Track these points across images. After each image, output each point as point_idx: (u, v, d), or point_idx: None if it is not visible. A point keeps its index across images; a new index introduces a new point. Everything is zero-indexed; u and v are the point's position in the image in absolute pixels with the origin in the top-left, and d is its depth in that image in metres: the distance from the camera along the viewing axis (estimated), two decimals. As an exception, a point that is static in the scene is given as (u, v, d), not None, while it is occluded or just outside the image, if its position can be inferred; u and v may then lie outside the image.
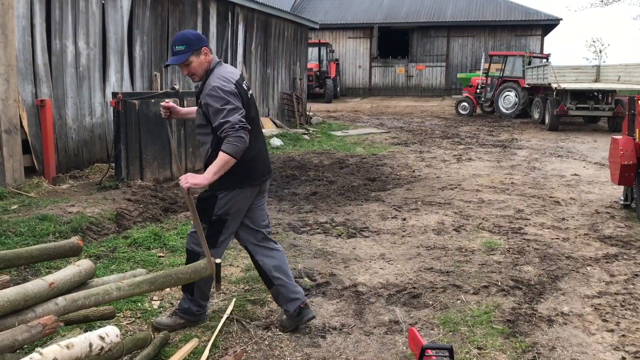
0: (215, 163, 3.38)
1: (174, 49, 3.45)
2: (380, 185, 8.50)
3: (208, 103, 3.41)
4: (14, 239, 5.31)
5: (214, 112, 3.42)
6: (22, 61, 7.82)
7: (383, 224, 6.23)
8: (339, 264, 4.94)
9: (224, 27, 13.30)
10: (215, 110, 3.41)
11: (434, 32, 31.19)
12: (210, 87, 3.42)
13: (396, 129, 17.07)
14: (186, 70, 3.50)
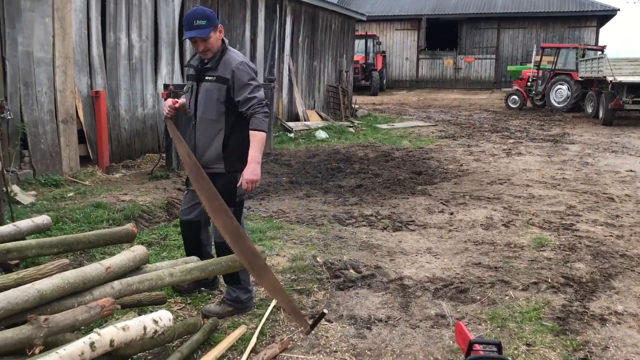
0: (254, 145, 3.43)
1: (193, 23, 3.42)
2: (426, 178, 8.42)
3: (236, 76, 3.44)
4: (70, 225, 5.52)
5: (241, 85, 3.44)
6: (79, 53, 8.08)
7: (430, 217, 6.18)
8: (385, 257, 4.94)
9: (272, 20, 13.38)
10: (243, 84, 3.44)
11: (483, 23, 30.57)
12: (237, 61, 3.48)
13: (443, 122, 16.85)
14: (203, 45, 3.48)
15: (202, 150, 3.62)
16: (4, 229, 3.04)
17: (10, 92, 7.07)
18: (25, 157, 7.32)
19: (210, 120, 3.57)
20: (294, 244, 5.19)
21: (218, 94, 3.51)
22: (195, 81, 3.62)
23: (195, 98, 3.61)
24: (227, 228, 3.21)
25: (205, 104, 3.56)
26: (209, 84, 3.54)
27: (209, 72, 3.56)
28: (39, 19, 7.31)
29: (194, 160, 3.45)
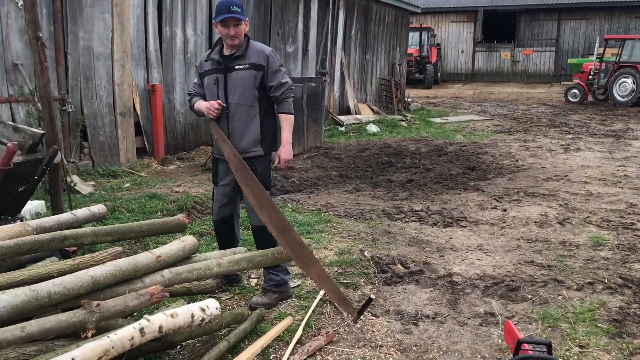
0: (287, 127, 3.71)
1: (230, 8, 3.55)
2: (480, 174, 8.25)
3: (270, 62, 3.64)
4: (126, 214, 5.70)
5: (274, 71, 3.67)
6: (136, 48, 8.31)
7: (482, 214, 6.05)
8: (434, 253, 4.87)
9: (325, 12, 13.38)
10: (275, 69, 3.68)
11: (543, 14, 29.59)
12: (268, 49, 3.72)
13: (499, 116, 16.46)
14: (234, 30, 3.59)
15: (240, 136, 3.74)
16: (62, 217, 3.17)
17: (72, 86, 7.35)
18: (85, 149, 7.60)
19: (246, 106, 3.72)
20: (342, 237, 5.19)
21: (253, 80, 3.68)
22: (221, 73, 3.72)
23: (224, 89, 3.71)
24: (272, 221, 3.26)
25: (240, 91, 3.69)
26: (243, 71, 3.68)
27: (238, 60, 3.69)
28: (98, 14, 7.56)
29: (239, 158, 3.56)
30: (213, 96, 3.74)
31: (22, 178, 3.54)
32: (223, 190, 3.91)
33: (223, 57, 3.74)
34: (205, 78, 3.79)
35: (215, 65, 3.74)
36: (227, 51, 3.73)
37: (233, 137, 3.72)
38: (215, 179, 3.94)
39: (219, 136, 3.67)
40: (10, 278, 2.35)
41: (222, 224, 4.04)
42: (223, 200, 3.95)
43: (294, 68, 12.46)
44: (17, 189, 3.57)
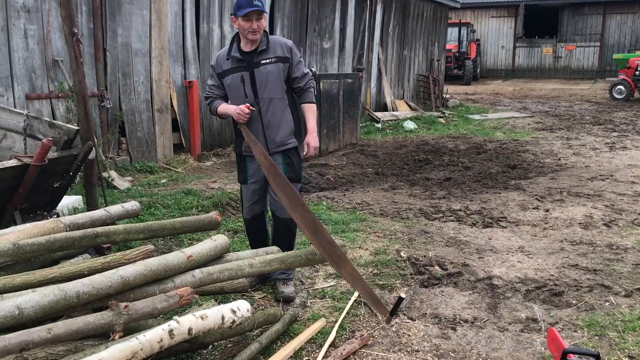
0: (312, 116, 3.79)
1: (253, 1, 3.50)
2: (521, 173, 8.01)
3: (294, 53, 3.68)
4: (162, 210, 5.71)
5: (297, 62, 3.72)
6: (174, 44, 8.35)
7: (523, 214, 5.85)
8: (473, 254, 4.72)
9: (362, 8, 13.24)
10: (298, 60, 3.73)
11: (587, 8, 28.71)
12: (289, 42, 3.74)
13: (541, 113, 16.02)
14: (256, 24, 3.55)
15: (275, 129, 3.75)
16: (95, 214, 3.15)
17: (110, 82, 7.42)
18: (123, 145, 7.67)
19: (278, 100, 3.72)
20: (377, 237, 5.08)
21: (281, 73, 3.70)
22: (246, 70, 3.67)
23: (251, 85, 3.67)
24: (305, 221, 3.20)
25: (270, 85, 3.68)
26: (270, 65, 3.66)
27: (264, 55, 3.66)
28: (137, 11, 7.61)
29: (270, 160, 3.51)
30: (240, 95, 3.69)
31: (58, 174, 3.55)
32: (254, 188, 3.88)
33: (244, 54, 3.69)
34: (227, 78, 3.72)
35: (237, 63, 3.68)
36: (248, 47, 3.69)
37: (269, 130, 3.71)
38: (245, 177, 3.89)
39: (249, 139, 3.62)
40: (42, 276, 2.33)
41: (254, 221, 4.02)
42: (254, 198, 3.92)
43: (330, 64, 12.37)
44: (52, 184, 3.58)
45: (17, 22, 6.34)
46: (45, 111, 6.69)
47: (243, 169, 3.89)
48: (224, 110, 3.74)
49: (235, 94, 3.72)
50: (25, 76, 6.49)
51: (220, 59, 3.75)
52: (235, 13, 3.57)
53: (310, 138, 3.79)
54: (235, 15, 3.59)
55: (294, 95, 3.85)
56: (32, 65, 6.54)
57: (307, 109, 3.83)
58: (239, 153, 3.91)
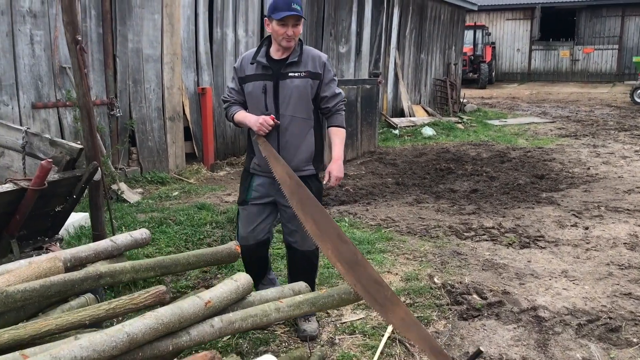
0: (339, 142, 3.33)
1: (291, 5, 3.07)
2: (550, 184, 7.58)
3: (327, 70, 3.27)
4: (174, 227, 5.35)
5: (329, 80, 3.31)
6: (186, 50, 8.01)
7: (561, 232, 5.43)
8: (513, 280, 4.31)
9: (379, 11, 12.86)
10: (330, 79, 3.31)
11: (605, 10, 28.13)
12: (324, 56, 3.32)
13: (562, 118, 15.55)
14: (293, 30, 3.13)
15: (293, 151, 3.30)
16: (101, 245, 2.79)
17: (120, 89, 7.10)
18: (133, 155, 7.34)
19: (301, 119, 3.28)
20: (407, 259, 4.68)
21: (310, 90, 3.25)
22: (270, 80, 3.24)
23: (274, 98, 3.24)
24: (339, 254, 2.77)
25: (294, 101, 3.24)
26: (298, 80, 3.22)
27: (293, 67, 3.23)
28: (148, 15, 7.28)
29: (296, 180, 3.08)
30: (259, 106, 3.26)
31: (59, 197, 3.20)
32: (257, 209, 3.39)
33: (272, 61, 3.26)
34: (248, 84, 3.28)
35: (262, 70, 3.25)
36: (278, 54, 3.26)
37: (284, 152, 3.25)
38: (246, 196, 3.39)
39: (269, 154, 3.19)
40: (34, 329, 1.97)
41: (258, 248, 3.49)
42: (257, 220, 3.41)
43: (346, 69, 11.99)
44: (53, 208, 3.23)
45: (23, 28, 6.03)
46: (52, 120, 6.38)
47: (246, 188, 3.40)
48: (242, 118, 3.32)
49: (254, 104, 3.30)
50: (32, 84, 6.17)
51: (245, 62, 3.32)
52: (270, 15, 3.13)
53: (335, 167, 3.30)
54: (269, 17, 3.15)
55: (320, 116, 3.42)
56: (39, 72, 6.22)
57: (334, 133, 3.37)
58: (247, 169, 3.45)
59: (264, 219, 3.42)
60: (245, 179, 3.45)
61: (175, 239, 5.08)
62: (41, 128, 6.26)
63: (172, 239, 5.08)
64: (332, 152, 3.35)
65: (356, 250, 2.83)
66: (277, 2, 3.11)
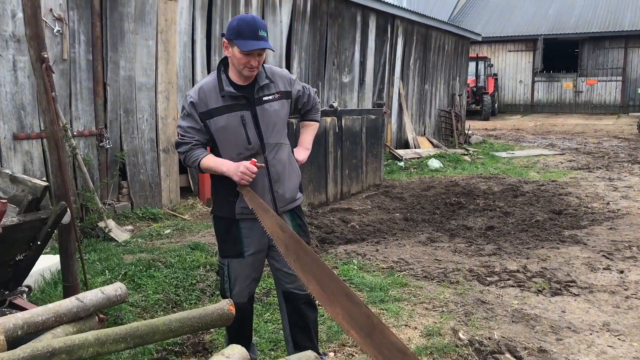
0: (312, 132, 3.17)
1: (258, 33, 2.69)
2: (571, 221, 7.06)
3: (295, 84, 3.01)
4: (164, 271, 4.82)
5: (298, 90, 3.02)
6: (182, 78, 7.58)
7: (594, 277, 4.89)
8: (548, 335, 3.76)
9: (383, 41, 12.53)
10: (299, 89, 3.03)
11: (608, 42, 28.00)
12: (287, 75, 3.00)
13: (570, 150, 15.11)
14: (256, 60, 2.73)
15: (285, 183, 2.92)
16: (63, 305, 2.27)
17: (110, 120, 6.63)
18: (124, 189, 6.84)
19: (284, 145, 2.94)
20: (426, 309, 4.14)
21: (286, 111, 2.94)
22: (246, 109, 2.81)
23: (255, 127, 2.82)
24: (353, 319, 2.24)
25: (278, 127, 2.89)
26: (276, 102, 2.88)
27: (265, 90, 2.85)
28: (142, 41, 6.87)
29: (290, 233, 2.59)
30: (240, 140, 2.80)
31: (20, 243, 2.69)
32: (252, 261, 2.93)
33: (240, 88, 2.82)
34: (217, 119, 2.80)
35: (232, 100, 2.80)
36: (241, 81, 2.83)
37: (278, 185, 2.86)
38: (239, 249, 2.90)
39: (256, 206, 2.72)
40: None
41: (250, 304, 3.12)
42: (252, 275, 2.99)
43: (349, 99, 11.59)
44: (13, 257, 2.72)
45: (5, 53, 5.60)
46: (36, 152, 5.90)
47: (236, 238, 2.90)
48: (214, 165, 2.81)
49: (231, 139, 2.82)
50: (13, 113, 5.71)
51: (205, 94, 2.83)
52: (231, 39, 2.71)
53: (302, 152, 3.10)
54: (230, 40, 2.73)
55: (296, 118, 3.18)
56: (22, 101, 5.77)
57: (308, 125, 3.18)
58: (229, 216, 2.89)
59: (257, 267, 3.00)
60: (227, 228, 2.93)
61: (165, 284, 4.55)
62: (23, 161, 5.79)
63: (160, 284, 4.55)
64: (301, 139, 3.15)
65: (370, 313, 2.29)
66: (241, 26, 2.70)
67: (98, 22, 6.39)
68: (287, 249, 2.56)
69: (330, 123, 8.25)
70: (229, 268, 2.95)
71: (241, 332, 3.07)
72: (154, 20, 6.98)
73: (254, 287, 3.06)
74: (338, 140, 8.47)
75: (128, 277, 4.64)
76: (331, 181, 8.41)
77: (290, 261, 2.55)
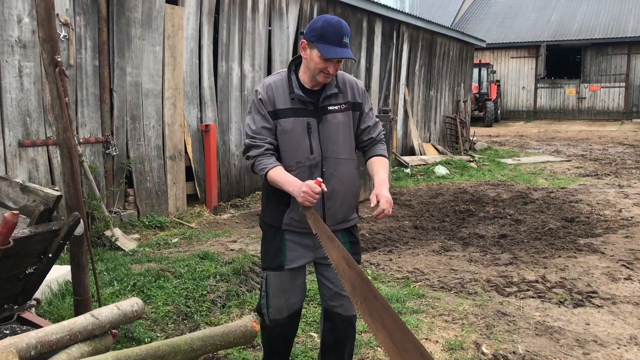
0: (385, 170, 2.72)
1: (342, 39, 2.49)
2: (584, 228, 6.93)
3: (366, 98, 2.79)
4: (173, 281, 4.69)
5: (370, 108, 2.82)
6: (189, 84, 7.48)
7: (615, 287, 4.77)
8: (574, 349, 3.64)
9: (389, 47, 12.45)
10: (370, 107, 2.82)
11: (611, 49, 27.94)
12: (360, 83, 2.80)
13: (577, 156, 15.00)
14: (334, 68, 2.55)
15: (340, 202, 2.70)
16: (78, 323, 2.15)
17: (117, 126, 6.52)
18: (130, 197, 6.72)
19: (346, 161, 2.71)
20: (445, 322, 4.01)
21: (353, 124, 2.72)
22: (313, 116, 2.62)
23: (318, 138, 2.63)
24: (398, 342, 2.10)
25: (340, 140, 2.67)
26: (340, 114, 2.66)
27: (332, 100, 2.65)
28: (149, 47, 6.77)
29: (357, 272, 2.37)
30: (303, 149, 2.61)
31: (31, 256, 2.57)
32: (292, 274, 2.75)
33: (309, 93, 2.64)
34: (284, 121, 2.61)
35: (300, 104, 2.61)
36: (311, 84, 2.64)
37: (331, 203, 2.65)
38: (280, 261, 2.72)
39: (320, 232, 2.48)
40: None
41: (292, 322, 2.88)
42: (292, 287, 2.78)
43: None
44: (24, 270, 2.60)
45: (11, 59, 5.49)
46: (41, 160, 5.79)
47: (279, 249, 2.72)
48: (280, 179, 2.55)
49: (292, 146, 2.63)
50: (19, 120, 5.60)
51: (273, 92, 2.64)
52: (312, 41, 2.51)
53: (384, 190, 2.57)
54: (310, 42, 2.52)
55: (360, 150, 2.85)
56: (27, 107, 5.66)
57: (378, 161, 2.75)
58: (276, 225, 2.72)
59: (299, 284, 2.80)
60: (272, 237, 2.76)
61: (175, 296, 4.43)
62: (29, 168, 5.67)
63: (170, 295, 4.42)
64: (375, 179, 2.68)
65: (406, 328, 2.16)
66: (327, 29, 2.49)
67: (105, 28, 6.29)
68: (354, 289, 2.35)
69: (339, 130, 8.13)
70: (267, 281, 2.77)
71: (276, 350, 2.93)
72: (160, 26, 6.89)
73: (294, 303, 2.83)
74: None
75: (137, 288, 4.52)
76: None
77: (356, 302, 2.36)
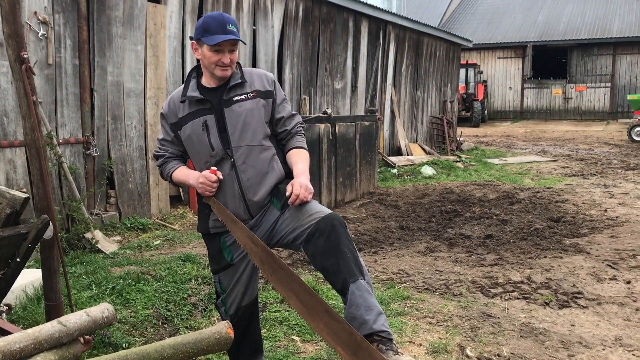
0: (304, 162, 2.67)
1: (226, 27, 2.54)
2: (570, 228, 6.92)
3: (277, 88, 2.76)
4: (153, 284, 4.61)
5: (282, 99, 2.78)
6: (172, 84, 7.38)
7: (600, 287, 4.74)
8: (559, 351, 3.59)
9: (375, 47, 12.40)
10: (283, 97, 2.80)
11: (597, 49, 28.14)
12: (269, 75, 2.78)
13: (563, 156, 15.05)
14: (228, 57, 2.57)
15: (260, 189, 2.64)
16: (44, 331, 2.05)
17: (98, 127, 6.41)
18: (111, 198, 6.60)
19: (261, 148, 2.65)
20: (430, 324, 3.95)
21: (263, 112, 2.67)
22: (211, 113, 2.63)
23: (219, 131, 2.62)
24: (338, 336, 2.04)
25: (249, 128, 2.63)
26: (248, 102, 2.64)
27: (237, 90, 2.65)
28: (130, 46, 6.66)
29: (262, 246, 2.37)
30: (203, 148, 2.63)
31: (-2, 261, 2.47)
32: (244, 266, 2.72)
33: (207, 92, 2.65)
34: (185, 127, 2.67)
35: (197, 105, 2.64)
36: (213, 82, 2.66)
37: (251, 192, 2.62)
38: (225, 261, 2.71)
39: (224, 217, 2.57)
40: None
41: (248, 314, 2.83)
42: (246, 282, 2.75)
43: (342, 105, 11.44)
44: (-9, 275, 2.50)
45: (-13, 57, 5.37)
46: (19, 161, 5.67)
47: (220, 251, 2.72)
48: (182, 177, 2.73)
49: (197, 148, 2.66)
50: (-5, 120, 5.48)
51: (173, 104, 2.72)
52: (199, 38, 2.57)
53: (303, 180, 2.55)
54: (198, 40, 2.60)
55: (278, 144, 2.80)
56: (4, 107, 5.54)
57: (296, 153, 2.71)
58: (206, 232, 2.76)
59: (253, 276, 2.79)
60: (210, 242, 2.78)
61: (155, 299, 4.34)
62: (6, 170, 5.55)
63: (150, 299, 4.34)
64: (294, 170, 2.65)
65: (352, 330, 2.07)
66: (208, 22, 2.55)
67: (85, 26, 6.18)
68: (262, 263, 2.36)
69: (324, 130, 8.07)
70: (221, 282, 2.77)
71: (243, 341, 2.85)
72: (142, 25, 6.78)
73: (250, 294, 2.79)
74: (332, 147, 8.30)
75: (116, 291, 4.42)
76: (325, 189, 8.22)
77: (267, 275, 2.38)
